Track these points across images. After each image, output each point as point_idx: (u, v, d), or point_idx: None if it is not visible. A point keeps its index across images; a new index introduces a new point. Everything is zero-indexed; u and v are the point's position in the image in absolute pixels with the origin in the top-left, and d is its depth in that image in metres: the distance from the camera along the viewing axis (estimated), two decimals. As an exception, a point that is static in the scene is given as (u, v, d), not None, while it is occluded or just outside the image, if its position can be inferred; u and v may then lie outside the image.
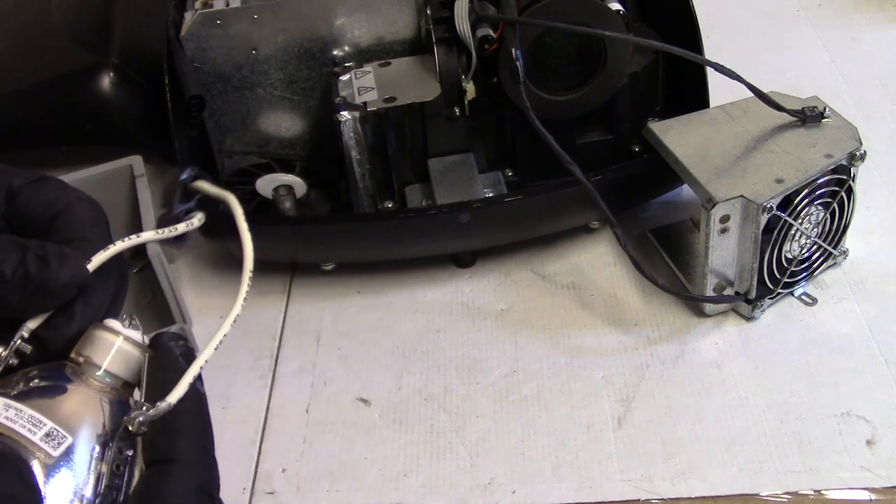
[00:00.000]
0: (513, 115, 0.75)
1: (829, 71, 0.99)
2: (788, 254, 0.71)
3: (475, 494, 0.64)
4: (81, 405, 0.41)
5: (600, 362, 0.71)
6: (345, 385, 0.72)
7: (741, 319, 0.73)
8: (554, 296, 0.77)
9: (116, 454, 0.40)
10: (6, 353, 0.42)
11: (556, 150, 0.69)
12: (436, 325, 0.76)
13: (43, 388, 0.41)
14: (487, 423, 0.68)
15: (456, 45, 0.73)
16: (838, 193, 0.70)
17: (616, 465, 0.64)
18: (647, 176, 0.78)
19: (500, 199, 0.75)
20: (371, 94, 0.74)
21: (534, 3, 0.70)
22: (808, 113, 0.72)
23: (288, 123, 0.81)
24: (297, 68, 0.78)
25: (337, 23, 0.77)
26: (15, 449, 0.37)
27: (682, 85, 0.79)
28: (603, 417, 0.67)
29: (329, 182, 0.83)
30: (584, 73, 0.74)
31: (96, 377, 0.43)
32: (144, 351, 0.44)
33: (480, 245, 0.79)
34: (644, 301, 0.75)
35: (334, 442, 0.68)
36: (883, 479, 0.61)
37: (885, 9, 1.07)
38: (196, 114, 0.74)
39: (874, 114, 0.92)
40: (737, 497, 0.62)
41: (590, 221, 0.80)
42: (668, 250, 0.79)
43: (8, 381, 0.41)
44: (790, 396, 0.67)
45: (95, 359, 0.43)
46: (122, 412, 0.42)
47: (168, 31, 0.75)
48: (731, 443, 0.65)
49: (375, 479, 0.65)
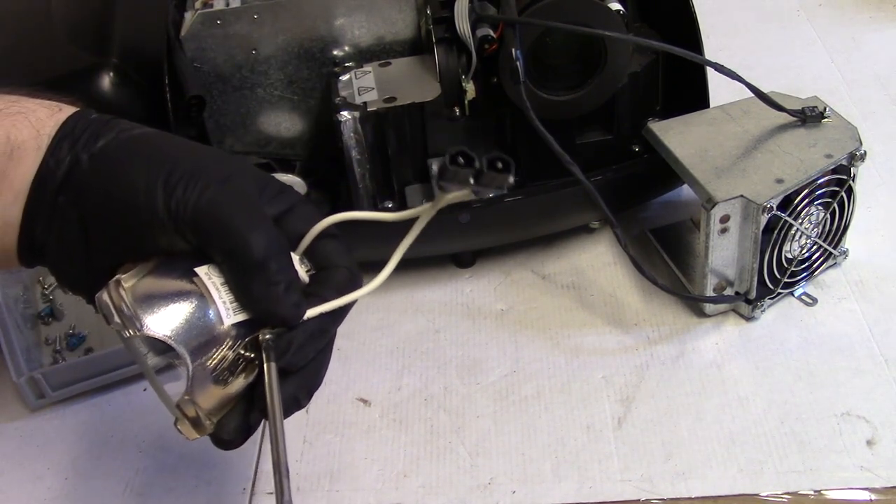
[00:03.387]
0: (513, 115, 0.75)
1: (829, 71, 0.99)
2: (788, 254, 0.71)
3: (475, 494, 0.64)
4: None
5: (600, 362, 0.71)
6: (345, 385, 0.72)
7: (741, 319, 0.73)
8: (554, 296, 0.77)
9: (242, 353, 0.49)
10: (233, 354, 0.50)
11: (556, 150, 0.69)
12: (436, 325, 0.76)
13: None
14: (487, 423, 0.68)
15: (456, 45, 0.72)
16: (838, 193, 0.70)
17: (616, 465, 0.64)
18: (647, 176, 0.78)
19: (500, 199, 0.75)
20: (371, 94, 0.74)
21: (534, 3, 0.70)
22: (808, 113, 0.72)
23: (288, 123, 0.81)
24: (297, 68, 0.78)
25: (337, 23, 0.77)
26: (201, 292, 0.49)
27: (682, 85, 0.79)
28: (603, 417, 0.67)
29: (329, 182, 0.83)
30: (584, 73, 0.74)
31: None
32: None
33: (480, 245, 0.79)
34: (644, 301, 0.75)
35: (334, 442, 0.68)
36: (883, 479, 0.61)
37: (885, 9, 1.07)
38: (196, 114, 0.74)
39: (874, 114, 0.92)
40: (737, 497, 0.62)
41: (590, 221, 0.80)
42: (668, 250, 0.79)
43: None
44: (790, 396, 0.67)
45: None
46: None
47: (168, 31, 0.75)
48: (731, 443, 0.65)
49: (375, 479, 0.65)
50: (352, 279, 0.53)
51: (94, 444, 0.70)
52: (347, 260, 0.54)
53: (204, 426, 0.50)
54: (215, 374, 0.49)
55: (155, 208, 0.48)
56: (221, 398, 0.50)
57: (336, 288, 0.52)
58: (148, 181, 0.48)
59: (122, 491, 0.66)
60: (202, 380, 0.48)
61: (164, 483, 0.66)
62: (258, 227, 0.49)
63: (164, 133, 0.53)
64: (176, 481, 0.66)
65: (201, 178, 0.49)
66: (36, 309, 0.80)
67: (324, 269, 0.53)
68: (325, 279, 0.53)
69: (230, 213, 0.48)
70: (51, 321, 0.80)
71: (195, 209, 0.48)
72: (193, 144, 0.53)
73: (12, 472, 0.68)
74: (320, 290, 0.52)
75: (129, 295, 0.48)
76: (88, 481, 0.67)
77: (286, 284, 0.49)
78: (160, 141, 0.52)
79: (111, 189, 0.49)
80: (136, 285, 0.49)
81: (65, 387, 0.72)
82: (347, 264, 0.54)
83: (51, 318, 0.80)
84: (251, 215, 0.49)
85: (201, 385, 0.49)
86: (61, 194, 0.49)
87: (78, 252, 0.50)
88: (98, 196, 0.49)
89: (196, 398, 0.49)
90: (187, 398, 0.49)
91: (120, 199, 0.49)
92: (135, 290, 0.48)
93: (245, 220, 0.49)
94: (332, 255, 0.53)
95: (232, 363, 0.49)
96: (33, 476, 0.68)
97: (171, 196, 0.48)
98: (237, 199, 0.49)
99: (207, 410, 0.49)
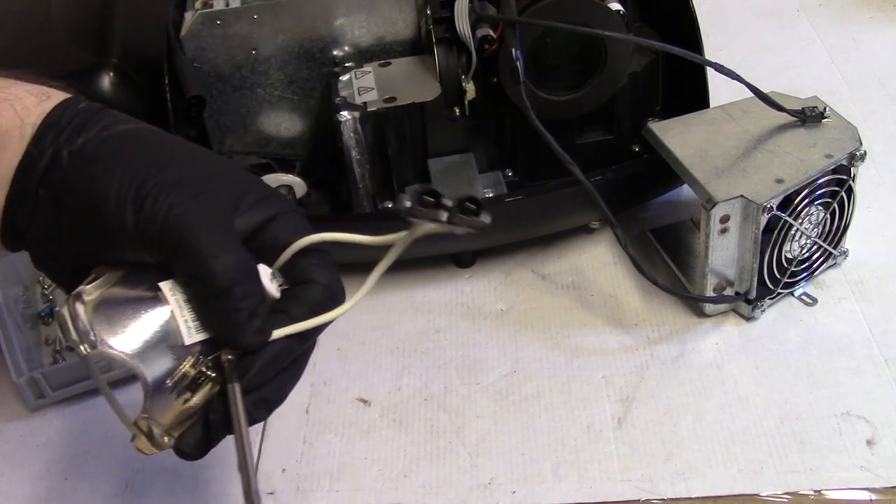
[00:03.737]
0: (513, 115, 0.75)
1: (829, 71, 0.99)
2: (788, 254, 0.71)
3: (475, 494, 0.64)
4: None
5: (600, 362, 0.71)
6: (345, 385, 0.72)
7: (741, 319, 0.73)
8: (554, 296, 0.77)
9: (203, 371, 0.49)
10: (195, 371, 0.49)
11: (556, 150, 0.69)
12: (436, 325, 0.76)
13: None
14: (487, 423, 0.68)
15: (456, 45, 0.73)
16: (838, 193, 0.70)
17: (616, 465, 0.64)
18: (647, 176, 0.78)
19: (500, 199, 0.75)
20: (371, 94, 0.74)
21: (534, 3, 0.70)
22: (808, 113, 0.72)
23: (288, 123, 0.81)
24: (297, 68, 0.78)
25: (337, 23, 0.77)
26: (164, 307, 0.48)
27: (682, 85, 0.79)
28: (603, 417, 0.67)
29: (329, 182, 0.83)
30: (585, 73, 0.74)
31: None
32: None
33: (480, 245, 0.79)
34: (644, 301, 0.75)
35: (334, 442, 0.68)
36: (883, 479, 0.61)
37: (885, 9, 1.07)
38: (196, 114, 0.74)
39: (874, 114, 0.92)
40: (737, 497, 0.62)
41: (590, 221, 0.80)
42: (668, 250, 0.79)
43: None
44: (790, 396, 0.67)
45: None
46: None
47: (168, 31, 0.75)
48: (731, 443, 0.65)
49: (375, 479, 0.65)
50: (329, 297, 0.51)
51: (95, 443, 0.70)
52: (327, 276, 0.52)
53: (161, 444, 0.49)
54: (175, 391, 0.48)
55: (123, 221, 0.47)
56: (181, 414, 0.49)
57: (308, 306, 0.50)
58: (119, 191, 0.47)
59: (122, 491, 0.66)
60: (161, 397, 0.48)
61: (164, 483, 0.66)
62: (223, 252, 0.47)
63: (150, 130, 0.52)
64: (176, 481, 0.66)
65: (174, 190, 0.47)
66: (36, 309, 0.80)
67: (301, 283, 0.51)
68: (299, 296, 0.51)
69: (196, 236, 0.47)
70: (51, 321, 0.80)
71: (161, 228, 0.47)
72: (176, 145, 0.52)
73: (12, 472, 0.68)
74: (291, 308, 0.50)
75: (89, 310, 0.47)
76: (88, 481, 0.67)
77: (249, 311, 0.48)
78: (141, 143, 0.50)
79: (84, 193, 0.48)
80: (97, 299, 0.48)
81: (65, 387, 0.72)
82: (326, 281, 0.51)
83: (51, 318, 0.80)
84: (217, 237, 0.48)
85: (160, 402, 0.48)
86: (42, 187, 0.49)
87: (53, 247, 0.50)
88: (72, 198, 0.48)
89: (154, 415, 0.48)
90: (145, 416, 0.48)
91: (91, 206, 0.48)
92: (96, 305, 0.47)
93: (210, 244, 0.47)
94: (312, 270, 0.51)
95: (192, 380, 0.48)
96: (33, 476, 0.68)
97: (140, 211, 0.47)
98: (205, 218, 0.48)
99: (167, 427, 0.49)
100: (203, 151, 0.54)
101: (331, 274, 0.52)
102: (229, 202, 0.50)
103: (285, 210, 0.52)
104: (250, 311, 0.48)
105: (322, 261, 0.52)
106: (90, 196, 0.48)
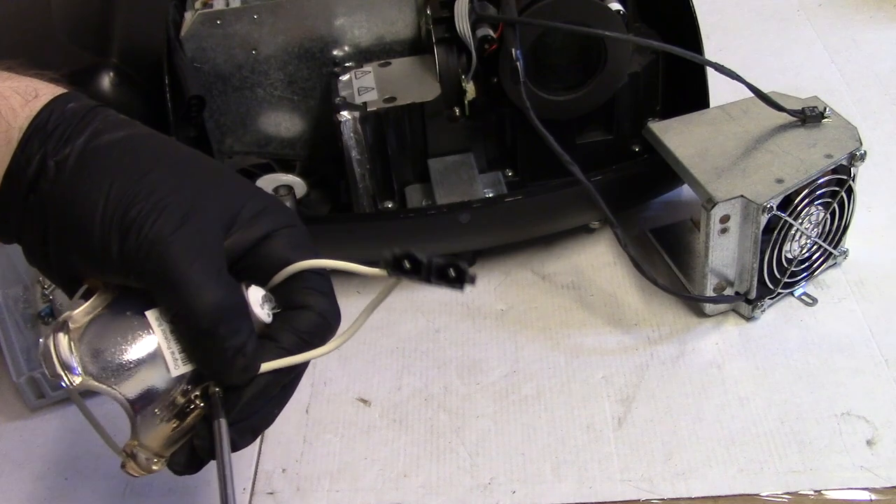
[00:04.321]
0: (513, 115, 0.75)
1: (829, 71, 0.99)
2: (788, 254, 0.71)
3: (475, 494, 0.64)
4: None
5: (600, 362, 0.71)
6: (345, 385, 0.72)
7: (741, 319, 0.73)
8: (554, 296, 0.77)
9: (191, 399, 0.48)
10: (184, 401, 0.49)
11: (556, 150, 0.69)
12: (436, 325, 0.76)
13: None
14: (487, 423, 0.68)
15: (456, 45, 0.73)
16: (838, 193, 0.70)
17: (616, 465, 0.64)
18: (647, 176, 0.78)
19: (500, 199, 0.75)
20: (371, 94, 0.74)
21: (534, 3, 0.70)
22: (808, 113, 0.72)
23: (288, 123, 0.81)
24: (297, 68, 0.78)
25: (337, 23, 0.77)
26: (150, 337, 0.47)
27: (682, 85, 0.79)
28: (603, 417, 0.67)
29: (329, 182, 0.83)
30: (585, 73, 0.74)
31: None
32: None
33: (480, 245, 0.79)
34: (644, 301, 0.75)
35: (334, 442, 0.68)
36: (883, 479, 0.61)
37: (885, 9, 1.07)
38: (196, 114, 0.74)
39: (874, 114, 0.92)
40: (737, 497, 0.62)
41: (590, 221, 0.80)
42: (668, 250, 0.79)
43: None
44: (790, 396, 0.67)
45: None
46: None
47: (168, 31, 0.75)
48: (731, 443, 0.65)
49: (375, 479, 0.65)
50: (322, 326, 0.50)
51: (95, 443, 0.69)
52: (323, 301, 0.50)
53: (151, 469, 0.49)
54: (163, 418, 0.48)
55: (108, 251, 0.46)
56: (170, 438, 0.49)
57: (300, 335, 0.49)
58: (104, 218, 0.46)
59: (122, 491, 0.66)
60: (149, 424, 0.48)
61: (164, 483, 0.66)
62: (206, 288, 0.46)
63: (139, 137, 0.49)
64: (176, 481, 0.66)
65: (160, 216, 0.45)
66: (36, 309, 0.80)
67: (294, 308, 0.50)
68: (291, 322, 0.49)
69: (178, 271, 0.45)
70: (51, 321, 0.80)
71: (145, 260, 0.45)
72: (167, 156, 0.49)
73: (12, 472, 0.68)
74: (281, 336, 0.49)
75: (75, 339, 0.47)
76: (88, 481, 0.67)
77: (234, 350, 0.46)
78: (129, 155, 0.48)
79: (70, 215, 0.47)
80: (83, 326, 0.47)
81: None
82: (321, 308, 0.50)
83: (51, 318, 0.80)
84: (201, 271, 0.46)
85: (148, 429, 0.48)
86: (32, 194, 0.47)
87: (43, 256, 0.49)
88: (58, 217, 0.47)
89: (143, 441, 0.48)
90: (135, 443, 0.48)
91: (77, 230, 0.46)
92: (81, 334, 0.47)
93: (193, 280, 0.45)
94: (307, 295, 0.50)
95: (181, 408, 0.48)
96: (33, 476, 0.68)
97: (125, 240, 0.45)
98: (189, 249, 0.46)
99: (156, 451, 0.49)
100: (197, 158, 0.51)
101: (326, 299, 0.50)
102: (220, 221, 0.48)
103: (283, 224, 0.50)
104: (235, 349, 0.47)
105: (319, 284, 0.50)
106: (75, 218, 0.46)
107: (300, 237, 0.50)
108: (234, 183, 0.51)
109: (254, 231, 0.49)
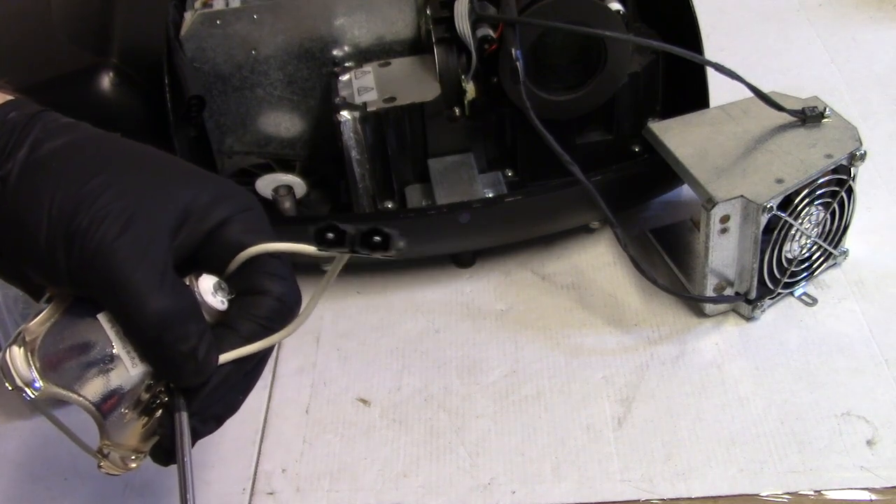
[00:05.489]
0: (513, 115, 0.75)
1: (829, 71, 0.99)
2: (788, 254, 0.71)
3: (475, 494, 0.64)
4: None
5: (600, 362, 0.71)
6: (345, 385, 0.72)
7: (741, 319, 0.73)
8: (554, 296, 0.77)
9: (156, 394, 0.48)
10: (149, 396, 0.48)
11: (556, 150, 0.69)
12: (436, 325, 0.76)
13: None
14: (487, 423, 0.68)
15: (456, 45, 0.73)
16: (838, 193, 0.70)
17: (616, 465, 0.64)
18: (647, 176, 0.78)
19: (500, 199, 0.75)
20: (371, 94, 0.74)
21: (534, 3, 0.70)
22: (808, 113, 0.72)
23: (288, 123, 0.81)
24: (297, 68, 0.78)
25: (337, 23, 0.77)
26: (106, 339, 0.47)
27: (682, 85, 0.79)
28: (603, 417, 0.67)
29: (329, 182, 0.83)
30: (585, 73, 0.74)
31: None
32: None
33: (480, 245, 0.79)
34: (644, 301, 0.75)
35: (334, 442, 0.68)
36: (883, 479, 0.61)
37: (885, 9, 1.07)
38: (196, 114, 0.74)
39: (874, 114, 0.92)
40: (737, 497, 0.62)
41: (590, 221, 0.80)
42: (668, 250, 0.79)
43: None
44: (790, 396, 0.67)
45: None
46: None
47: (168, 31, 0.75)
48: (731, 443, 0.65)
49: (375, 480, 0.65)
50: (282, 309, 0.49)
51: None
52: (280, 285, 0.49)
53: (129, 466, 0.49)
54: (132, 415, 0.48)
55: (56, 266, 0.45)
56: (144, 433, 0.49)
57: (259, 321, 0.48)
58: (48, 234, 0.45)
59: (122, 491, 0.66)
60: (118, 423, 0.48)
61: (164, 483, 0.66)
62: (150, 295, 0.45)
63: (82, 140, 0.48)
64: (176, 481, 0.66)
65: (102, 223, 0.44)
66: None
67: (252, 294, 0.49)
68: (249, 309, 0.48)
69: (121, 283, 0.44)
70: (51, 321, 0.80)
71: (89, 271, 0.44)
72: (115, 155, 0.48)
73: (12, 472, 0.68)
74: (240, 324, 0.48)
75: (31, 351, 0.46)
76: (88, 481, 0.67)
77: (183, 356, 0.46)
78: (72, 163, 0.47)
79: (17, 232, 0.46)
80: (39, 337, 0.47)
81: (65, 387, 0.71)
82: (279, 292, 0.49)
83: (51, 318, 0.80)
84: (143, 278, 0.45)
85: (119, 428, 0.48)
86: None
87: (0, 266, 0.48)
88: (5, 231, 0.46)
89: (115, 440, 0.48)
90: (107, 443, 0.48)
91: (24, 246, 0.46)
92: (38, 345, 0.47)
93: (136, 289, 0.44)
94: (264, 279, 0.49)
95: (146, 405, 0.48)
96: (33, 476, 0.68)
97: (70, 255, 0.44)
98: (131, 256, 0.45)
99: (134, 447, 0.49)
100: (143, 156, 0.49)
101: (284, 283, 0.49)
102: (169, 217, 0.47)
103: (239, 209, 0.49)
104: (184, 355, 0.46)
105: (275, 268, 0.49)
106: (21, 233, 0.46)
107: (255, 221, 0.49)
108: (183, 175, 0.49)
109: (208, 220, 0.48)
